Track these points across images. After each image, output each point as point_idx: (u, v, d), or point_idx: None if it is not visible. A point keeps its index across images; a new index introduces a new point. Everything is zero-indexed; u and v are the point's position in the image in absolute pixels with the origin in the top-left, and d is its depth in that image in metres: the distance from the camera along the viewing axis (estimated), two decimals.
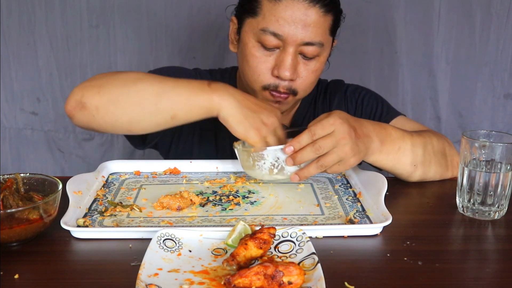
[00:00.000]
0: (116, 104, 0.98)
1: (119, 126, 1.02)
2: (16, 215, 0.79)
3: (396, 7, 1.87)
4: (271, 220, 0.90)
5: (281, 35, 1.08)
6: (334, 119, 0.94)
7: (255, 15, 1.11)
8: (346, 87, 1.35)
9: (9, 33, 1.88)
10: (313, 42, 1.09)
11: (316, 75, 1.16)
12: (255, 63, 1.12)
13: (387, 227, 0.86)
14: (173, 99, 0.98)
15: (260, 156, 0.97)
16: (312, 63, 1.13)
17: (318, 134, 0.93)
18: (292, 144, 0.94)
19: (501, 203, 0.93)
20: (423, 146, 1.06)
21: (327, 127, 0.93)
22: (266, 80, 1.13)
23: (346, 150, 0.94)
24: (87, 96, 0.99)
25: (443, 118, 1.99)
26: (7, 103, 1.96)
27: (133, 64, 1.92)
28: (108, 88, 0.99)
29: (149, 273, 0.70)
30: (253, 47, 1.12)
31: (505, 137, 0.95)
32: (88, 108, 0.99)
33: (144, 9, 1.87)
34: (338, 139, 0.93)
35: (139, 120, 1.00)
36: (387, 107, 1.31)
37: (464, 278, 0.76)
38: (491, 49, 1.91)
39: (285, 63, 1.09)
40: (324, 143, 0.93)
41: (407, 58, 1.93)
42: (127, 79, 1.01)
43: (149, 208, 0.94)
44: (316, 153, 0.93)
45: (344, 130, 0.93)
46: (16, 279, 0.73)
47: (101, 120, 1.00)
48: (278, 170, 0.98)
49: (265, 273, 0.67)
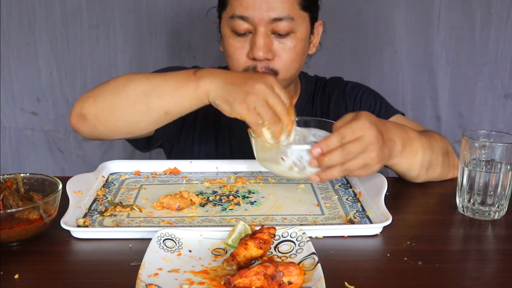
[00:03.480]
0: (112, 110, 1.02)
1: (119, 131, 1.06)
2: (16, 215, 0.79)
3: (396, 7, 1.87)
4: (271, 220, 0.90)
5: (247, 17, 1.09)
6: (364, 122, 0.89)
7: (226, 7, 1.14)
8: (345, 84, 1.35)
9: (9, 33, 1.88)
10: (281, 17, 1.09)
11: (295, 53, 1.14)
12: (232, 50, 1.14)
13: (387, 227, 0.86)
14: (162, 96, 0.99)
15: (282, 152, 0.92)
16: (287, 40, 1.12)
17: (347, 137, 0.89)
18: (320, 146, 0.89)
19: (501, 203, 0.93)
20: (431, 147, 1.05)
21: (356, 130, 0.89)
22: (244, 64, 1.13)
23: (373, 156, 0.90)
24: (85, 108, 1.04)
25: (443, 118, 1.99)
26: (7, 103, 1.96)
27: (133, 64, 1.92)
28: (102, 95, 1.04)
29: (149, 273, 0.70)
30: (229, 37, 1.14)
31: (505, 137, 0.95)
32: (88, 119, 1.04)
33: (144, 9, 1.87)
34: (367, 145, 0.89)
35: (136, 122, 1.03)
36: (386, 105, 1.31)
37: (464, 278, 0.76)
38: (491, 49, 1.91)
39: (257, 44, 1.10)
40: (353, 148, 0.88)
41: (407, 58, 1.93)
42: (118, 83, 1.04)
43: (149, 208, 0.94)
44: (344, 158, 0.89)
45: (373, 135, 0.89)
46: (16, 279, 0.73)
47: (102, 128, 1.05)
48: (298, 169, 0.93)
49: (265, 273, 0.67)
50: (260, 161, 0.99)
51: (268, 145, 0.93)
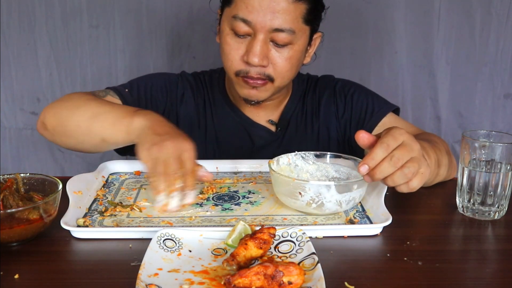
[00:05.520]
0: (64, 127, 1.07)
1: (71, 147, 1.11)
2: (16, 215, 0.79)
3: (396, 7, 1.87)
4: (271, 220, 0.90)
5: (250, 21, 1.09)
6: (398, 129, 0.87)
7: (230, 4, 1.13)
8: (335, 83, 1.34)
9: (9, 33, 1.88)
10: (283, 29, 1.09)
11: (291, 63, 1.15)
12: (228, 50, 1.14)
13: (387, 227, 0.86)
14: (102, 124, 1.02)
15: (300, 187, 0.89)
16: (284, 50, 1.13)
17: (391, 145, 0.84)
18: (366, 162, 0.84)
19: (501, 203, 0.93)
20: (437, 161, 1.04)
21: (397, 136, 0.85)
22: (237, 66, 1.14)
23: (421, 158, 0.87)
24: (47, 118, 1.10)
25: (443, 118, 1.99)
26: (7, 103, 1.96)
27: (133, 64, 1.92)
28: (61, 110, 1.09)
29: (149, 273, 0.70)
30: (227, 35, 1.14)
31: (505, 137, 0.95)
32: (48, 129, 1.10)
33: (144, 9, 1.87)
34: (412, 147, 0.86)
35: (81, 142, 1.07)
36: (378, 103, 1.29)
37: (464, 278, 0.76)
38: (491, 49, 1.91)
39: (253, 50, 1.10)
40: (401, 154, 0.84)
41: (407, 58, 1.93)
42: (77, 102, 1.09)
43: (149, 208, 0.94)
44: (394, 166, 0.84)
45: (411, 137, 0.87)
46: (16, 279, 0.73)
47: (58, 140, 1.11)
48: (317, 205, 0.89)
49: (265, 273, 0.67)
50: (277, 194, 0.96)
51: (286, 179, 0.91)
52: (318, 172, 1.02)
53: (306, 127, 1.31)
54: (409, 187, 0.87)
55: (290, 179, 0.90)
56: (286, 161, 1.02)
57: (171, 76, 1.33)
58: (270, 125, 1.31)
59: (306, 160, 1.03)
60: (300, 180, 0.90)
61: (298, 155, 1.02)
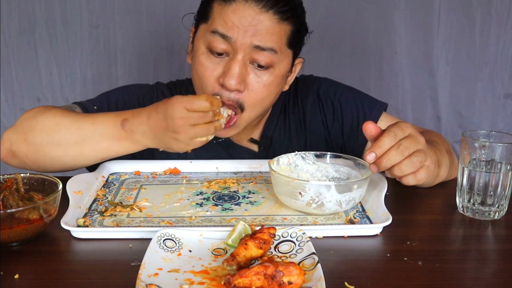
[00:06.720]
0: (44, 153, 0.99)
1: (53, 170, 1.03)
2: (16, 215, 0.79)
3: (396, 7, 1.87)
4: (271, 220, 0.90)
5: (229, 37, 1.00)
6: (404, 122, 0.87)
7: (207, 20, 1.05)
8: (317, 87, 1.23)
9: (9, 33, 1.88)
10: (264, 47, 1.01)
11: (269, 91, 1.06)
12: (202, 71, 1.04)
13: (387, 227, 0.86)
14: (95, 145, 0.98)
15: (300, 187, 0.89)
16: (264, 75, 1.04)
17: (399, 135, 0.84)
18: (373, 150, 0.83)
19: (501, 203, 0.93)
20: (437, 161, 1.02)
21: (404, 128, 0.85)
22: (212, 89, 1.04)
23: (426, 151, 0.86)
24: (15, 145, 1.00)
25: (443, 118, 1.99)
26: (7, 103, 1.96)
27: (133, 64, 1.92)
28: (32, 136, 0.98)
29: (149, 273, 0.70)
30: (202, 55, 1.05)
31: (505, 137, 0.95)
32: (18, 156, 1.00)
33: (144, 9, 1.87)
34: (418, 139, 0.85)
35: (69, 165, 1.02)
36: (368, 105, 1.21)
37: (464, 278, 0.76)
38: (491, 49, 1.92)
39: (231, 71, 1.01)
40: (408, 143, 0.83)
41: (407, 58, 1.93)
42: (47, 124, 0.99)
43: (149, 208, 0.94)
44: (402, 155, 0.83)
45: (417, 131, 0.87)
46: (16, 279, 0.73)
47: (33, 166, 1.01)
48: (317, 205, 0.89)
49: (265, 273, 0.67)
50: (277, 195, 0.96)
51: (286, 179, 0.91)
52: (318, 172, 1.02)
53: (292, 142, 1.22)
54: (417, 178, 0.86)
55: (290, 179, 0.90)
56: (286, 161, 1.02)
57: (143, 89, 1.24)
58: (252, 144, 1.22)
59: (306, 160, 1.03)
60: (300, 180, 0.91)
61: (298, 155, 1.03)
